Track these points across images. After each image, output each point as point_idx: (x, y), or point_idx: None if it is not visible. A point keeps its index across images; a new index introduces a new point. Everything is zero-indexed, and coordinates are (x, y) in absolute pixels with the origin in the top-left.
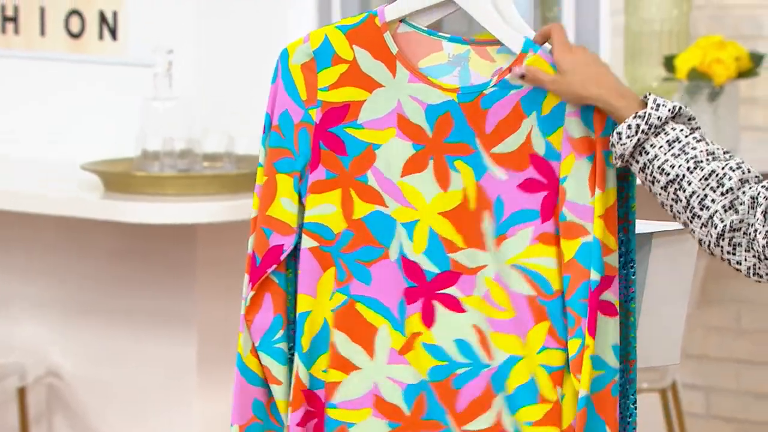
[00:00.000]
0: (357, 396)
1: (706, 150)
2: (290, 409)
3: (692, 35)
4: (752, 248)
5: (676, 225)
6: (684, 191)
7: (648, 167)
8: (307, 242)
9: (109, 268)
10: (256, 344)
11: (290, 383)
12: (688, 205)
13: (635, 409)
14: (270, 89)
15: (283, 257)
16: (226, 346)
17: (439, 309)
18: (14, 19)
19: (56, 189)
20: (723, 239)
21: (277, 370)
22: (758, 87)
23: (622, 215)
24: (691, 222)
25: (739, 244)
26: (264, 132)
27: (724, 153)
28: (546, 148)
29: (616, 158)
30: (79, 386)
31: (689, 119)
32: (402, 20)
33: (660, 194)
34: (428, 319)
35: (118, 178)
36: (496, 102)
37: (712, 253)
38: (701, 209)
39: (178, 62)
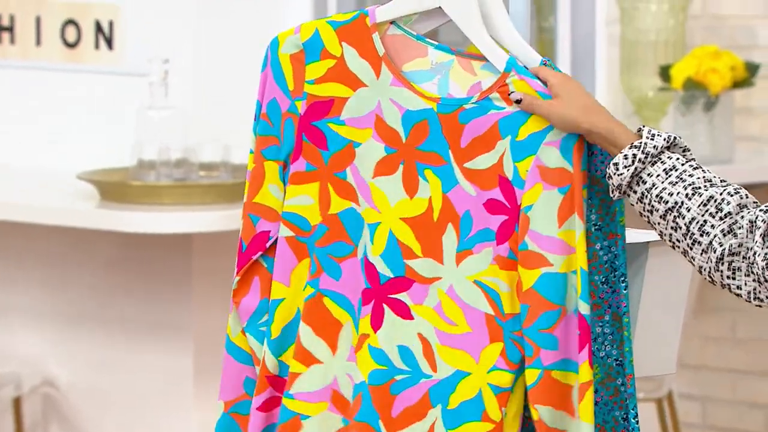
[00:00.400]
0: (315, 389)
1: (704, 177)
2: (254, 393)
3: (688, 45)
4: (752, 272)
5: None
6: (683, 218)
7: (646, 196)
8: (284, 231)
9: (105, 278)
10: (243, 326)
11: None
12: (688, 231)
13: (637, 423)
14: (260, 77)
15: (269, 244)
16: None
17: (388, 313)
18: (10, 29)
19: (52, 199)
20: (722, 263)
21: (261, 351)
22: (753, 97)
23: (612, 230)
24: (691, 249)
25: (739, 269)
26: (255, 119)
27: (721, 181)
28: (513, 173)
29: (613, 190)
30: (75, 396)
31: (684, 150)
32: (392, 22)
33: (659, 223)
34: (376, 322)
35: (114, 188)
36: (475, 118)
37: (712, 280)
38: (701, 235)
39: (174, 71)
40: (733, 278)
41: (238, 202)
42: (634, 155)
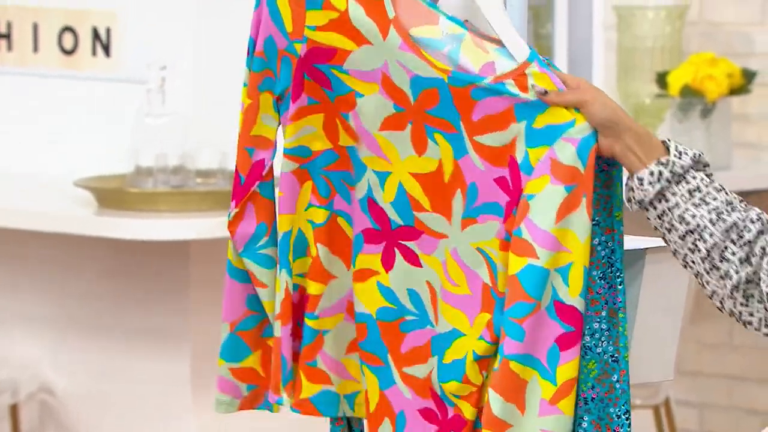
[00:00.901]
0: (333, 302)
1: (726, 200)
2: (280, 322)
3: (685, 52)
4: (764, 299)
5: None
6: (705, 242)
7: (667, 214)
8: (288, 166)
9: (102, 284)
10: (240, 251)
11: (275, 285)
12: (708, 256)
13: (627, 420)
14: (253, 15)
15: (265, 171)
16: None
17: (398, 258)
18: (7, 36)
19: (50, 205)
20: (737, 291)
21: (262, 273)
22: (750, 104)
23: (609, 225)
24: (708, 273)
25: (752, 296)
26: (248, 55)
27: (740, 202)
28: (524, 158)
29: (634, 203)
30: (72, 403)
31: (704, 165)
32: None
33: (675, 242)
34: (388, 263)
35: (112, 195)
36: (488, 97)
37: (722, 307)
38: (721, 261)
39: (171, 78)
40: (746, 305)
41: None
42: (661, 173)
